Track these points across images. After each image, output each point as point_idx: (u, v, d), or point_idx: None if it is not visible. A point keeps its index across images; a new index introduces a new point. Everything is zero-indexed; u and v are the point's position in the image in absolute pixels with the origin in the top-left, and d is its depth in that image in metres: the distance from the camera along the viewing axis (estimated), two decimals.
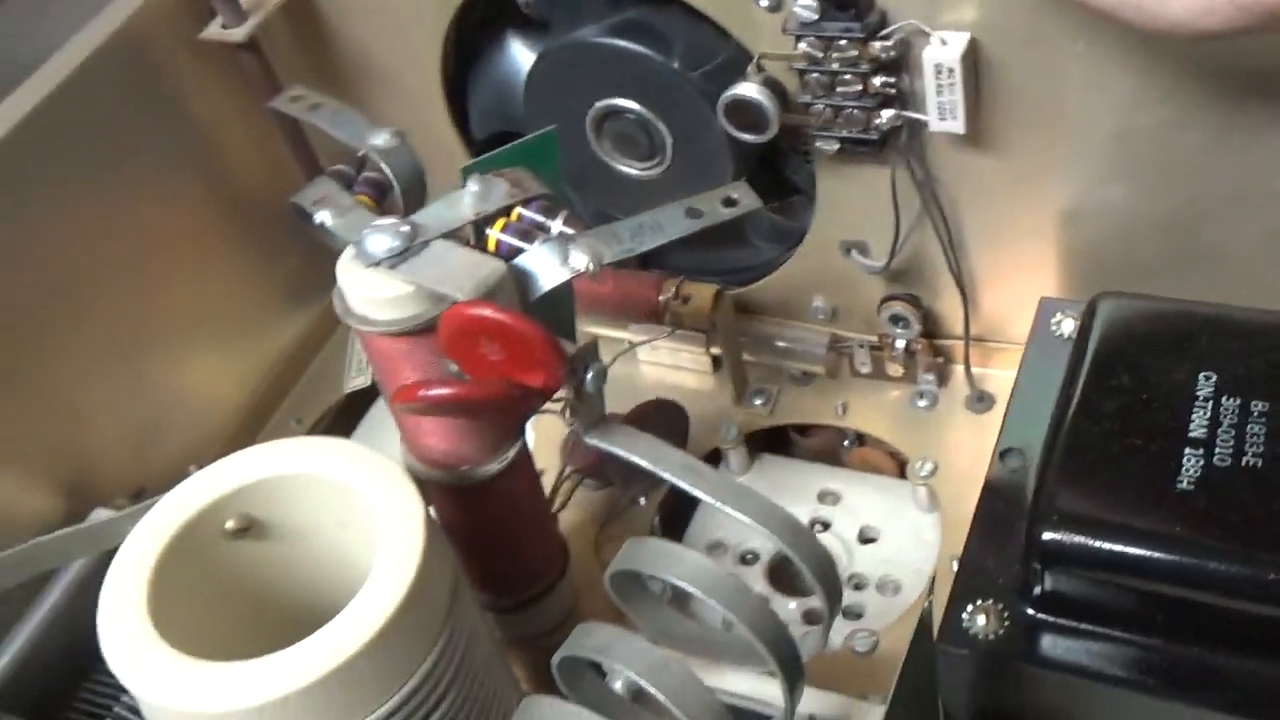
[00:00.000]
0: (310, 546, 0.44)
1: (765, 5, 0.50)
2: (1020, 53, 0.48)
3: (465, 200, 0.43)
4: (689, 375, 0.64)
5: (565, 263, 0.41)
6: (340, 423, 0.68)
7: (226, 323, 0.66)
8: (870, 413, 0.61)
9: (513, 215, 0.43)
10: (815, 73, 0.49)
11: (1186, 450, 0.39)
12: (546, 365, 0.38)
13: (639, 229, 0.42)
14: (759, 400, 0.62)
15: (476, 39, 0.62)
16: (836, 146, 0.52)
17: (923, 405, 0.60)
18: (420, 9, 0.60)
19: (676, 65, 0.55)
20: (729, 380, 0.62)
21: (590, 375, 0.40)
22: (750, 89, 0.50)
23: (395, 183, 0.46)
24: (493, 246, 0.43)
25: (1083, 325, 0.44)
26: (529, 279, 0.42)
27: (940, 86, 0.48)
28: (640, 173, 0.60)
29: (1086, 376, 0.42)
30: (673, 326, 0.60)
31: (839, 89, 0.50)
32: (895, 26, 0.48)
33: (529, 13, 0.59)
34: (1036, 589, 0.39)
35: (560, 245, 0.42)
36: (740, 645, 0.45)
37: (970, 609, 0.40)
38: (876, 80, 0.49)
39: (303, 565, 0.44)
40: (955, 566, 0.53)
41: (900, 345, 0.59)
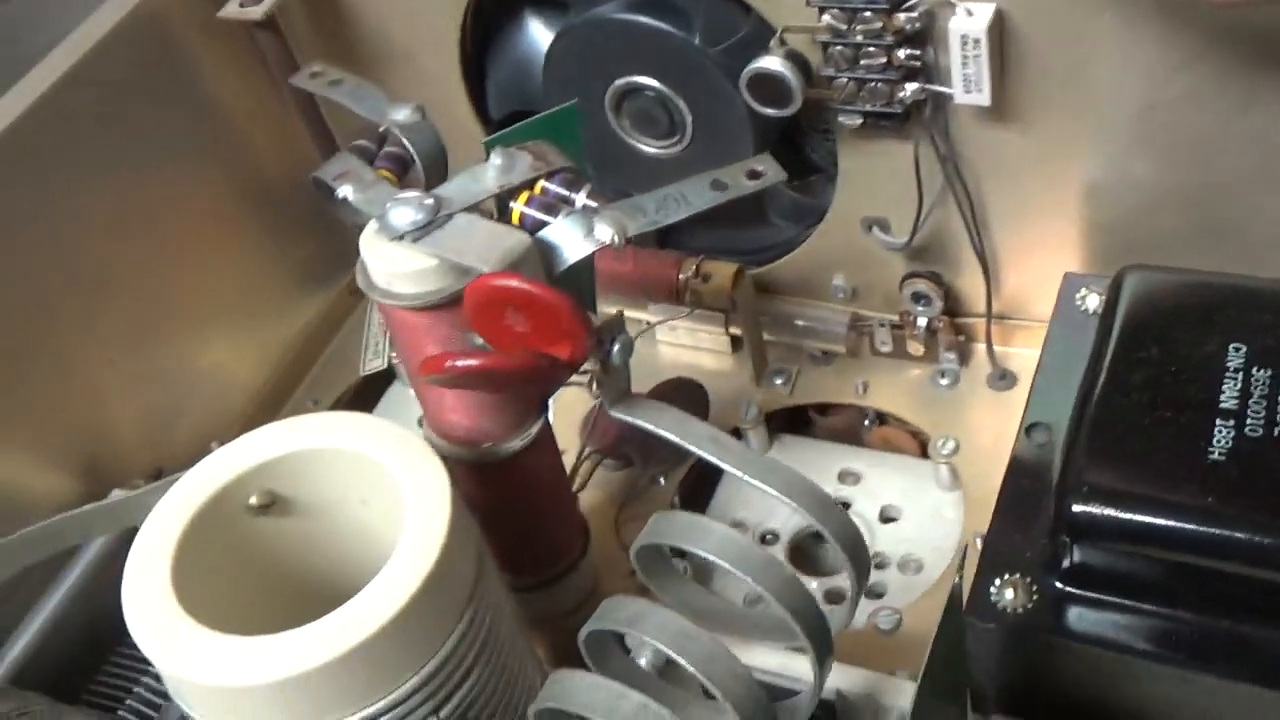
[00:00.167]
0: (333, 522, 0.43)
1: None
2: (1046, 23, 0.48)
3: (489, 173, 0.43)
4: (707, 355, 0.64)
5: (590, 235, 0.41)
6: (357, 405, 0.67)
7: (244, 305, 0.66)
8: (891, 392, 0.61)
9: (536, 189, 0.43)
10: (839, 45, 0.49)
11: (1217, 421, 0.38)
12: (573, 336, 0.38)
13: (664, 201, 0.42)
14: (779, 380, 0.62)
15: (494, 17, 0.62)
16: (859, 121, 0.51)
17: (944, 384, 0.60)
18: None
19: (697, 41, 0.54)
20: (748, 360, 0.62)
21: (617, 348, 0.39)
22: (773, 62, 0.50)
23: (417, 158, 0.46)
24: (517, 220, 0.42)
25: (1109, 298, 0.44)
26: (554, 252, 0.41)
27: (966, 58, 0.47)
28: (659, 151, 0.60)
29: (1114, 349, 0.42)
30: (692, 306, 0.60)
31: (863, 62, 0.49)
32: None
33: None
34: (1065, 562, 0.39)
35: (585, 218, 0.41)
36: (764, 620, 0.45)
37: (998, 583, 0.40)
38: (901, 53, 0.49)
39: (326, 541, 0.44)
40: (980, 543, 0.53)
41: (922, 323, 0.59)
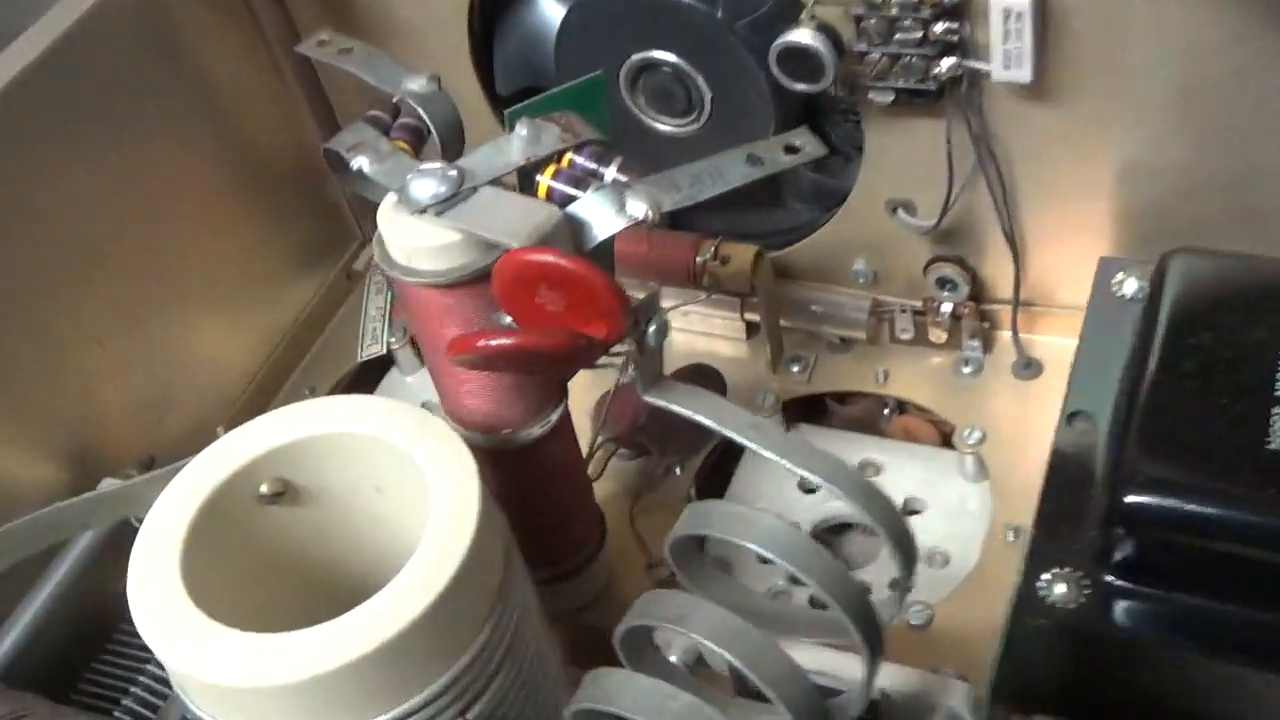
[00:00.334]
0: (347, 511, 0.41)
1: None
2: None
3: (514, 145, 0.41)
4: (722, 342, 0.62)
5: (622, 211, 0.39)
6: (354, 392, 0.65)
7: (238, 287, 0.64)
8: (913, 380, 0.59)
9: (564, 161, 0.41)
10: (873, 18, 0.47)
11: (1274, 410, 0.37)
12: (610, 315, 0.36)
13: (698, 176, 0.40)
14: (796, 367, 0.60)
15: None
16: (891, 98, 0.49)
17: (967, 371, 0.58)
18: None
19: (720, 15, 0.52)
20: (764, 347, 0.60)
21: (653, 328, 0.37)
22: (805, 35, 0.48)
23: (433, 129, 0.43)
24: (543, 194, 0.40)
25: (1154, 284, 0.43)
26: (584, 228, 0.39)
27: (1008, 32, 0.46)
28: (676, 129, 0.58)
29: (1163, 336, 0.40)
30: (710, 289, 0.58)
31: (897, 36, 0.48)
32: None
33: None
34: (1118, 555, 0.37)
35: (616, 193, 0.39)
36: (799, 615, 0.43)
37: (1048, 578, 0.38)
38: (938, 27, 0.47)
39: (340, 532, 0.42)
40: (1011, 536, 0.52)
41: (946, 309, 0.57)
